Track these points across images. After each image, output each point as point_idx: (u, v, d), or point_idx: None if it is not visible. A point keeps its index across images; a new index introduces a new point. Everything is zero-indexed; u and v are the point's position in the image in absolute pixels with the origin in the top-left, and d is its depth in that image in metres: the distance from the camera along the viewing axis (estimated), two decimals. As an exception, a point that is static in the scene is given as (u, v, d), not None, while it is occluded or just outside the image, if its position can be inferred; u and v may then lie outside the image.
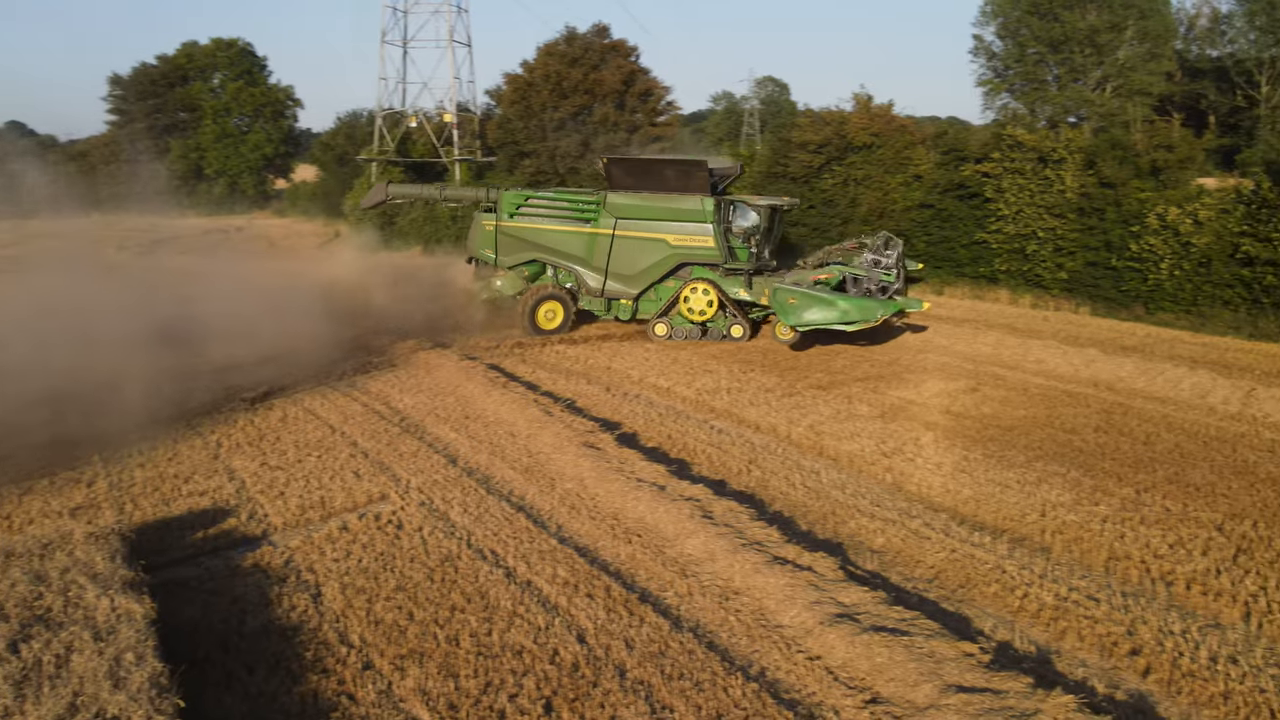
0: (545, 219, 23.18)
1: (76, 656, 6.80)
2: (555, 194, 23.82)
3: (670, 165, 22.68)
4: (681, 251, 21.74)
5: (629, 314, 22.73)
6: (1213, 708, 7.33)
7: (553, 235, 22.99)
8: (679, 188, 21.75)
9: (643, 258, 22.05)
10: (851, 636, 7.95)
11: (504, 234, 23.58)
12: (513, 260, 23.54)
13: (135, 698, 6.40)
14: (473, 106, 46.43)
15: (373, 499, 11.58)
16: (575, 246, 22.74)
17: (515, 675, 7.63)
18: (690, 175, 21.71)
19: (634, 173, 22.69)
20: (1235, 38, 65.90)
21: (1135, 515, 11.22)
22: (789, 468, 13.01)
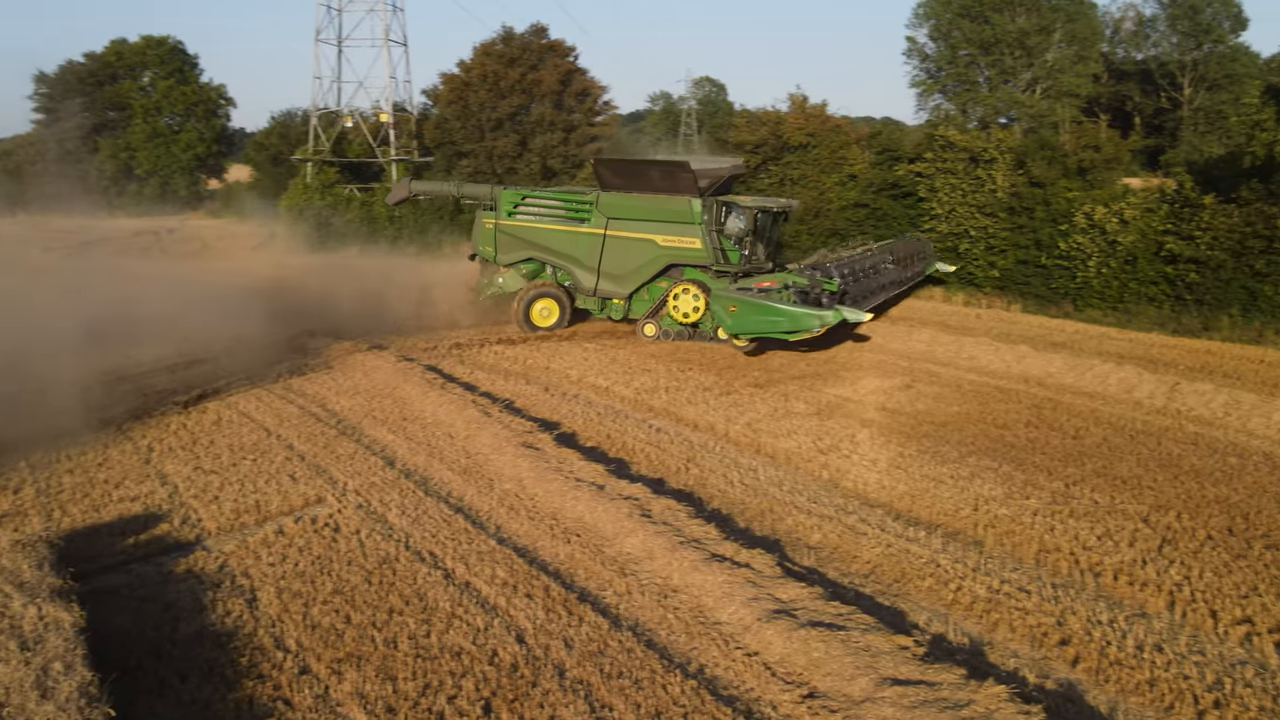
0: (541, 218, 23.29)
1: (2, 666, 6.67)
2: (550, 194, 23.92)
3: (656, 166, 22.60)
4: (670, 252, 21.66)
5: (621, 314, 22.80)
6: (1139, 695, 7.52)
7: (548, 234, 23.08)
8: (666, 189, 21.67)
9: (633, 258, 22.04)
10: (789, 632, 8.04)
11: (503, 232, 23.74)
12: (511, 258, 23.71)
13: (64, 707, 6.30)
14: (409, 106, 46.11)
15: (309, 502, 11.47)
16: (569, 246, 22.81)
17: (454, 677, 7.62)
18: (675, 177, 21.56)
19: (622, 174, 22.64)
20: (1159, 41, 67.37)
21: (1065, 508, 11.45)
22: (727, 465, 13.11)
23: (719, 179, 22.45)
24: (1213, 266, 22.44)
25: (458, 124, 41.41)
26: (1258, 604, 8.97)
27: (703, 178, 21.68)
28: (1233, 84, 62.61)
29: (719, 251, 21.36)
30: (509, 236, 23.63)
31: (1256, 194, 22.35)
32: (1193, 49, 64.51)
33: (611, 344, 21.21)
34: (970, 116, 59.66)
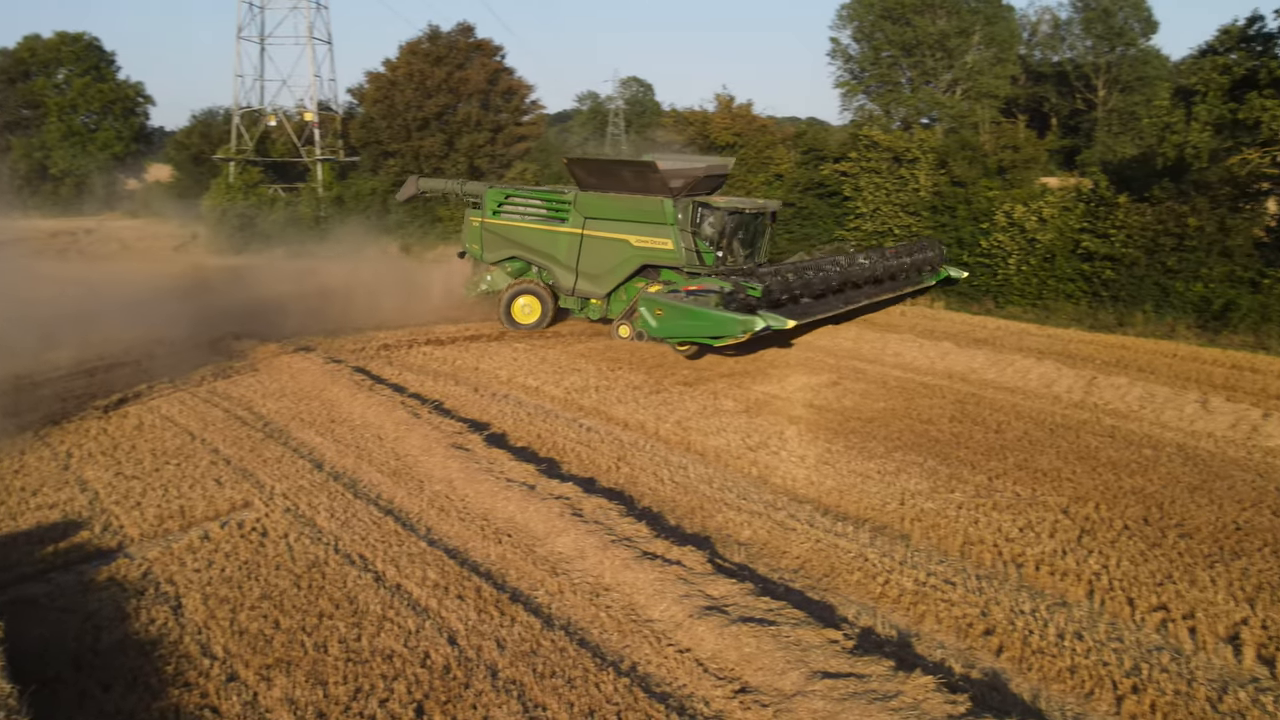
0: (524, 217, 23.19)
1: (-82, 680, 6.50)
2: (531, 192, 23.78)
3: (626, 166, 22.36)
4: (644, 253, 21.39)
5: (599, 314, 22.76)
6: (1060, 682, 7.72)
7: (529, 233, 23.01)
8: (638, 189, 21.38)
9: (608, 258, 21.87)
10: (720, 628, 8.12)
11: (488, 230, 23.73)
12: (496, 256, 23.69)
13: (-16, 720, 6.16)
14: (334, 105, 45.54)
15: (235, 506, 11.31)
16: (549, 245, 22.70)
17: (386, 680, 7.57)
18: (645, 177, 21.21)
19: (594, 173, 22.42)
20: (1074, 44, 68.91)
21: (988, 501, 11.70)
22: (657, 464, 13.17)
23: (693, 178, 21.98)
24: (1127, 264, 23.04)
25: (384, 123, 40.99)
26: (1172, 591, 9.24)
27: (676, 177, 21.34)
28: (1144, 86, 64.23)
29: (693, 253, 20.96)
30: (494, 235, 23.61)
31: (1168, 193, 22.99)
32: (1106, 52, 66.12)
33: (541, 344, 21.18)
34: (893, 117, 60.58)
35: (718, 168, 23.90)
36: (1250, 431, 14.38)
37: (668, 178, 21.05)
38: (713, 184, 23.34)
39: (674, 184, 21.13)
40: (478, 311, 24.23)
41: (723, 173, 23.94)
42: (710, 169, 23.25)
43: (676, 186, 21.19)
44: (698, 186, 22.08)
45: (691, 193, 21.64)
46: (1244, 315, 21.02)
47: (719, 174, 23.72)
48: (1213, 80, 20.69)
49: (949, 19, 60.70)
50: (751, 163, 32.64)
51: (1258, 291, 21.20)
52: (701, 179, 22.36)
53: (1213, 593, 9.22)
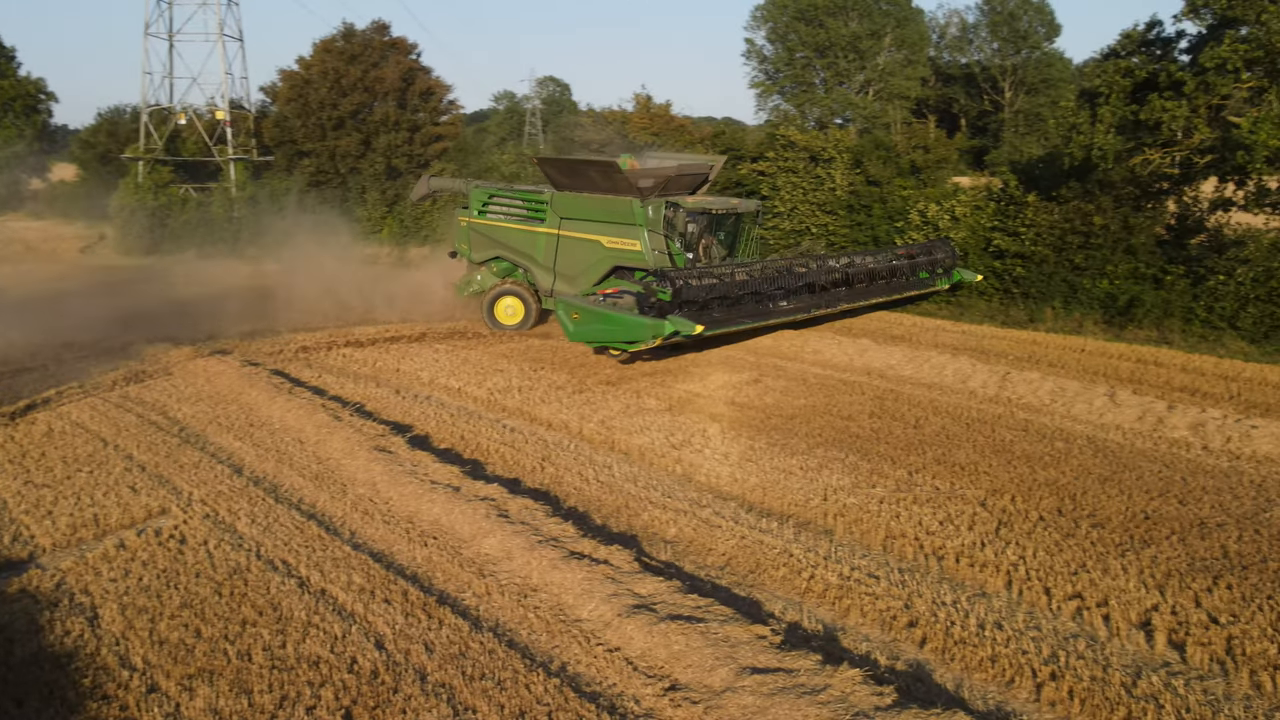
0: (505, 216, 22.85)
1: None
2: (513, 192, 23.37)
3: (592, 166, 21.86)
4: (615, 254, 20.85)
5: None
6: (982, 671, 7.89)
7: (510, 233, 22.69)
8: (606, 189, 20.93)
9: (582, 259, 21.39)
10: (649, 626, 8.16)
11: (474, 230, 23.43)
12: (482, 256, 23.36)
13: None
14: (247, 104, 44.65)
15: (152, 514, 11.07)
16: (528, 245, 22.34)
17: (312, 687, 7.48)
18: (611, 177, 20.75)
19: (564, 173, 22.06)
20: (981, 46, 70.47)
21: (908, 495, 11.91)
22: (582, 463, 13.18)
23: (663, 178, 21.29)
24: (1036, 261, 23.62)
25: (298, 122, 40.34)
26: (1086, 580, 9.51)
27: (645, 177, 20.84)
28: (1048, 88, 65.93)
29: (663, 255, 20.38)
30: (480, 235, 23.32)
31: (1074, 193, 23.60)
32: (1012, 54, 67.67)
33: (463, 345, 21.04)
34: (808, 117, 61.39)
35: (696, 167, 23.36)
36: (1156, 423, 14.83)
37: (635, 177, 20.63)
38: (691, 184, 22.84)
39: (643, 184, 20.66)
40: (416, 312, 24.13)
41: (703, 172, 23.30)
42: (685, 168, 22.71)
43: (646, 186, 20.70)
44: (670, 186, 21.53)
45: (665, 193, 21.14)
46: (1148, 311, 21.66)
47: (698, 173, 23.13)
48: (1115, 83, 21.30)
49: (861, 21, 61.73)
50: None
51: (1160, 288, 21.86)
52: (674, 179, 21.78)
53: (1125, 580, 9.50)
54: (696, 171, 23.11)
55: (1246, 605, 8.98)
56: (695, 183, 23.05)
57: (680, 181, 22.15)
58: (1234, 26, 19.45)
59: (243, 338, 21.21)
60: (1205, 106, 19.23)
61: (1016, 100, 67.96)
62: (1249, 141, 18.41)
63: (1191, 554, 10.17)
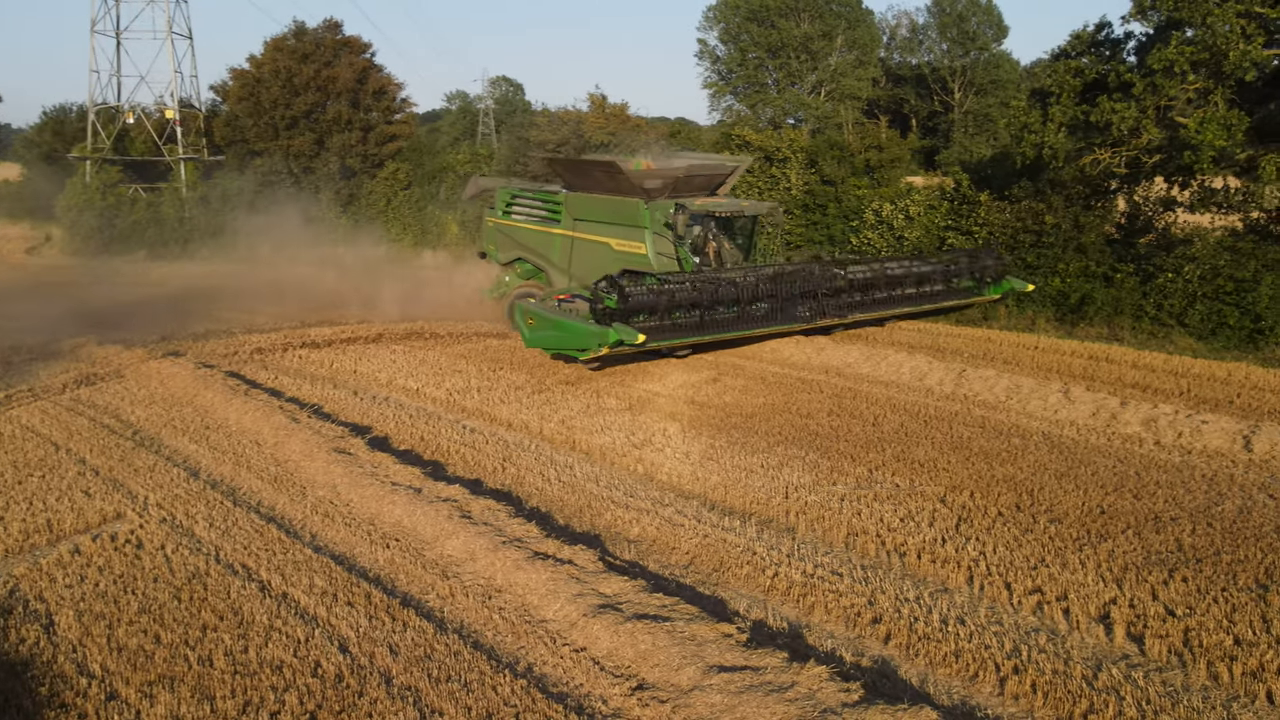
0: (526, 217, 22.35)
1: None
2: (534, 192, 22.80)
3: (597, 166, 21.12)
4: (623, 257, 19.95)
5: None
6: (946, 666, 7.96)
7: (529, 234, 22.24)
8: (611, 189, 20.21)
9: (593, 262, 20.43)
10: (615, 626, 8.15)
11: (499, 231, 23.06)
12: (506, 257, 22.99)
13: None
14: (197, 103, 44.04)
15: (107, 519, 10.90)
16: (545, 246, 21.90)
17: (276, 691, 7.39)
18: (614, 177, 19.97)
19: (572, 173, 21.56)
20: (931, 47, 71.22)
21: (869, 492, 11.99)
22: (543, 463, 13.15)
23: (671, 178, 20.42)
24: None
25: (250, 121, 39.87)
26: (1045, 574, 9.62)
27: (651, 178, 20.05)
28: (997, 88, 66.71)
29: (668, 258, 19.55)
30: (504, 235, 22.95)
31: (1026, 191, 23.94)
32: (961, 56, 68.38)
33: (420, 345, 20.91)
34: (760, 117, 61.68)
35: (711, 168, 22.31)
36: (1109, 419, 15.04)
37: (641, 178, 19.95)
38: (707, 185, 21.85)
39: (648, 184, 19.91)
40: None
41: (721, 173, 22.20)
42: (696, 169, 21.64)
43: (651, 187, 19.93)
44: (680, 187, 20.60)
45: (675, 194, 20.24)
46: (1099, 308, 22.00)
47: (714, 174, 22.08)
48: (1066, 83, 21.58)
49: (812, 22, 62.13)
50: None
51: (1110, 285, 22.20)
52: (684, 179, 20.85)
53: (1083, 574, 9.62)
54: (712, 172, 22.15)
55: (1202, 597, 9.13)
56: (712, 184, 22.06)
57: (692, 182, 21.25)
58: (1180, 28, 19.77)
59: (196, 339, 20.97)
60: (1153, 107, 19.52)
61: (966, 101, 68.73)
62: (1196, 142, 18.73)
63: (1147, 547, 10.33)
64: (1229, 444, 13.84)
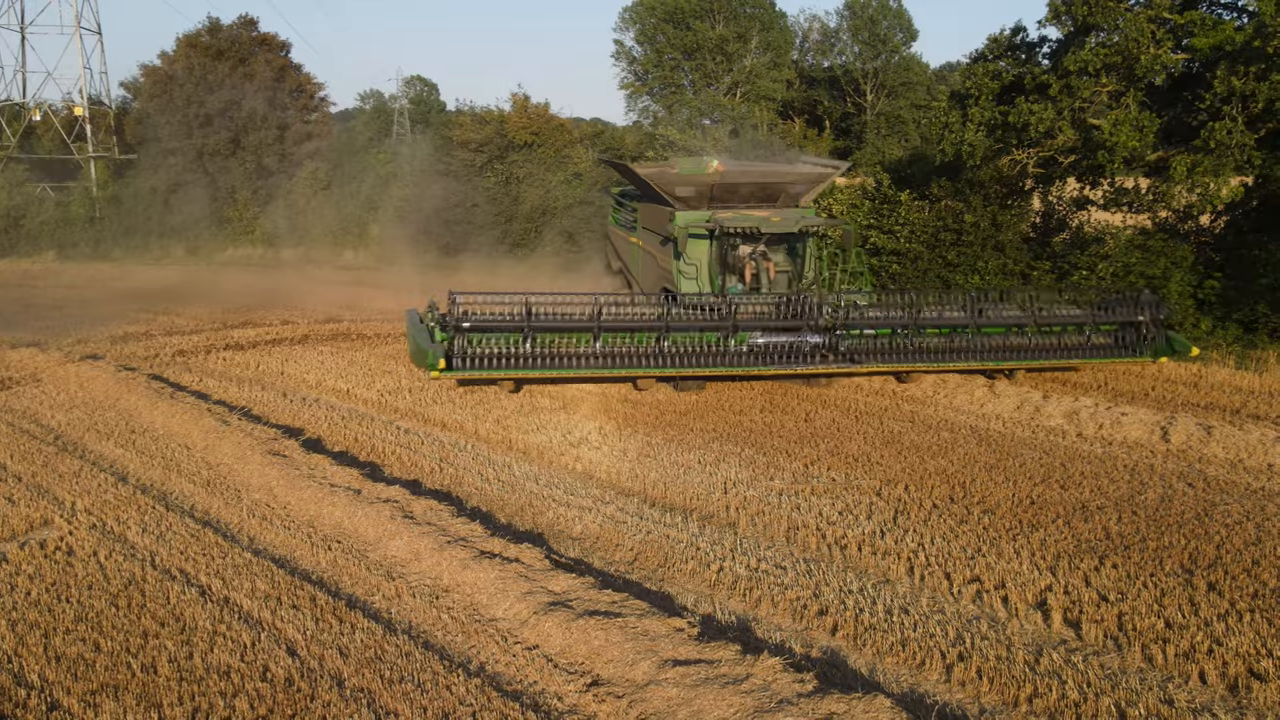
0: (619, 224, 21.13)
1: None
2: (625, 197, 21.39)
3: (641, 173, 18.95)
4: (665, 274, 18.04)
5: None
6: (894, 655, 8.11)
7: (621, 241, 20.99)
8: (654, 197, 18.40)
9: (652, 274, 18.83)
10: (567, 623, 8.16)
11: (607, 238, 22.11)
12: (616, 266, 21.62)
13: None
14: (106, 100, 42.88)
15: (34, 525, 10.60)
16: (629, 256, 20.55)
17: (225, 697, 7.26)
18: (654, 181, 17.94)
19: (626, 176, 19.96)
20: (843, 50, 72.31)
21: (806, 487, 12.16)
22: (481, 463, 13.09)
23: (707, 186, 17.97)
24: (911, 258, 24.31)
25: (163, 119, 38.93)
26: (983, 564, 9.85)
27: (684, 185, 17.88)
28: (908, 90, 67.97)
29: (689, 278, 17.58)
30: (609, 243, 21.86)
31: (945, 191, 24.41)
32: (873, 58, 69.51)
33: (347, 346, 20.66)
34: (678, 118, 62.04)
35: (780, 174, 19.37)
36: (1034, 412, 15.43)
37: (672, 184, 17.96)
38: (766, 194, 18.58)
39: (680, 192, 17.81)
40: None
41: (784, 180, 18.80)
42: (749, 173, 19.04)
43: (685, 195, 17.83)
44: (726, 196, 18.08)
45: (721, 203, 17.91)
46: (1018, 306, 22.53)
47: (780, 181, 18.75)
48: (984, 85, 22.08)
49: (727, 24, 62.65)
50: (550, 162, 32.71)
51: (1028, 283, 22.73)
52: (729, 186, 18.17)
53: (1018, 563, 9.87)
54: (778, 180, 18.83)
55: (1132, 583, 9.42)
56: (773, 193, 18.57)
57: (739, 191, 18.30)
58: (1094, 32, 20.36)
59: (114, 342, 20.48)
60: (1069, 109, 20.07)
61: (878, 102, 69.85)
62: (1110, 143, 19.28)
63: (1077, 536, 10.63)
64: (1147, 435, 14.29)
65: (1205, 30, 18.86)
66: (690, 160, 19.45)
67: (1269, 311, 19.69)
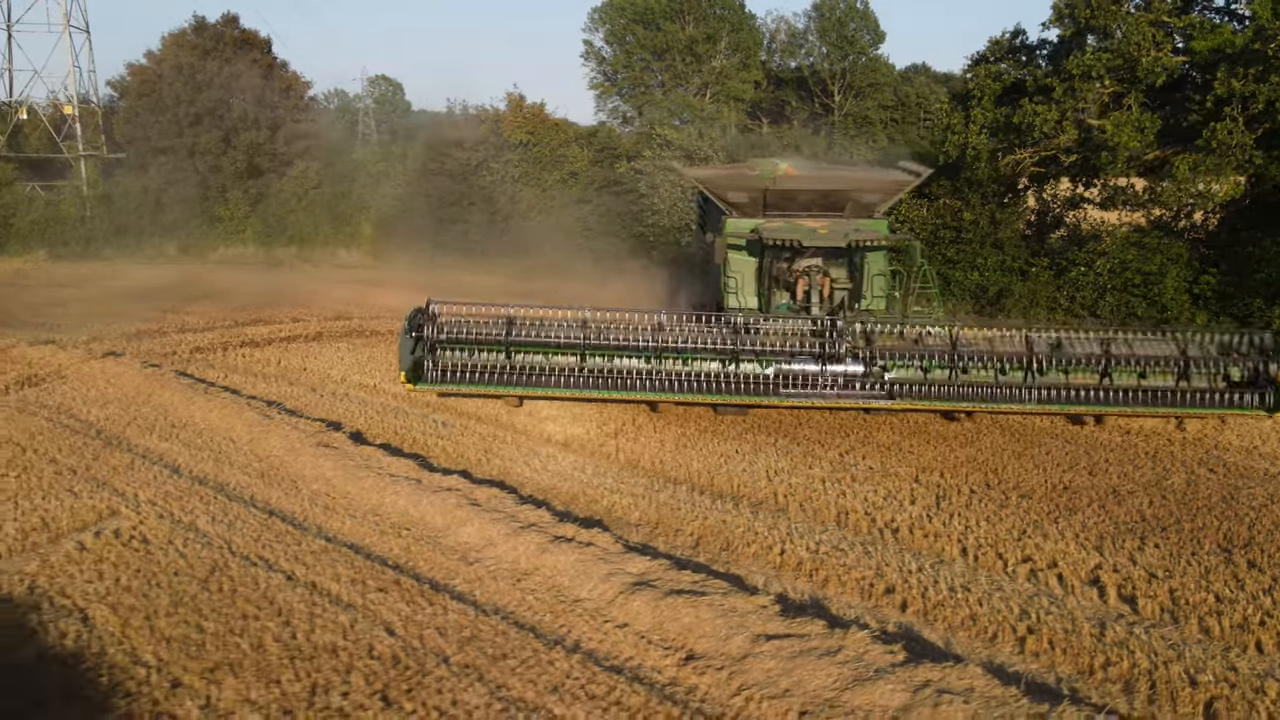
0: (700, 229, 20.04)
1: None
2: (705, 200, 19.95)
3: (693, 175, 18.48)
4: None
5: None
6: (965, 630, 8.50)
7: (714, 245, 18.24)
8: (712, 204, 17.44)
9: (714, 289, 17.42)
10: (654, 602, 8.48)
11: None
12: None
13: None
14: (94, 98, 42.68)
15: (102, 516, 10.77)
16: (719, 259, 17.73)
17: (339, 673, 7.53)
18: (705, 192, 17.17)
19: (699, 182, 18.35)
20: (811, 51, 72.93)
21: (846, 474, 12.54)
22: (525, 454, 13.37)
23: (759, 190, 16.60)
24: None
25: (151, 118, 38.80)
26: (1031, 545, 10.26)
27: (737, 190, 16.76)
28: (875, 91, 68.71)
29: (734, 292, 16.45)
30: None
31: (944, 190, 24.92)
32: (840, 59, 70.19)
33: (362, 343, 20.87)
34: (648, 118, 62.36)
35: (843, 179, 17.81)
36: (1050, 404, 15.89)
37: (722, 189, 16.87)
38: (830, 202, 16.74)
39: (733, 197, 16.74)
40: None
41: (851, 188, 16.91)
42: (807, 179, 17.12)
43: (737, 201, 16.72)
44: (782, 203, 16.60)
45: (778, 211, 16.56)
46: (1016, 300, 23.08)
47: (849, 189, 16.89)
48: (986, 86, 22.60)
49: (697, 25, 63.04)
50: (545, 161, 32.98)
51: (1026, 279, 23.30)
52: (786, 193, 16.62)
53: (1064, 544, 10.29)
54: (846, 187, 16.99)
55: (1176, 561, 9.87)
56: (840, 201, 16.77)
57: (797, 198, 16.68)
58: (1091, 35, 20.93)
59: (129, 339, 20.56)
60: (1072, 110, 20.60)
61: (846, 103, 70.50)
62: (1112, 143, 19.83)
63: (1114, 519, 11.07)
64: (1163, 423, 14.80)
65: (1204, 34, 19.45)
66: (765, 162, 18.21)
67: (1264, 306, 20.29)
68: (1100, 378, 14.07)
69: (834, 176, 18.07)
